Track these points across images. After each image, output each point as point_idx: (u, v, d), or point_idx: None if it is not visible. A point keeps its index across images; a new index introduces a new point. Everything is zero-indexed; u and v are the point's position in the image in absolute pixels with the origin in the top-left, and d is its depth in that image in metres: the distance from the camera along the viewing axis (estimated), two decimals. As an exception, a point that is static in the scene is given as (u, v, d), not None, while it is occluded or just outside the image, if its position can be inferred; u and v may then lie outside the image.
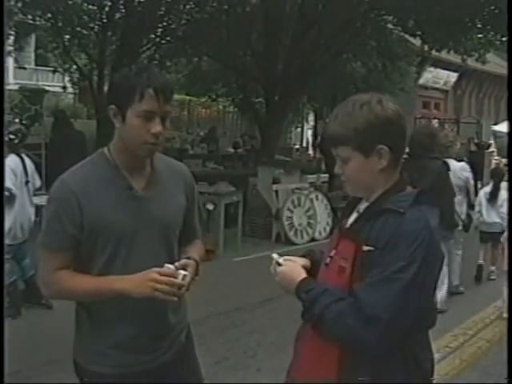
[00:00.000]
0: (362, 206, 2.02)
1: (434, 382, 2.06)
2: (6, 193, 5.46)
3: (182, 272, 2.11)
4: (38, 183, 6.29)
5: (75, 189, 2.11)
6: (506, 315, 5.84)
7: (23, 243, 5.93)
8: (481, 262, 7.94)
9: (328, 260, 2.00)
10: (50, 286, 2.20)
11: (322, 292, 1.88)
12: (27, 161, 6.00)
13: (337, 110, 1.98)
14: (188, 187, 2.38)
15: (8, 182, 5.50)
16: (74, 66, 15.36)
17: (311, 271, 2.06)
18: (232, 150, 15.83)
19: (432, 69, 26.27)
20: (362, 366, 1.87)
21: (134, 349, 2.23)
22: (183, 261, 2.18)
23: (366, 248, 1.86)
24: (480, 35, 14.91)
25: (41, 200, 7.21)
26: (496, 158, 10.36)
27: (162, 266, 2.10)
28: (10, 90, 15.93)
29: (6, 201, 5.43)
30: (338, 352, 1.89)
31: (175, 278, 2.08)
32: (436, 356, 2.15)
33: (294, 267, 2.02)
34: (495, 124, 20.23)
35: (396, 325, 1.80)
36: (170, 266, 2.11)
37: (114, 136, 2.20)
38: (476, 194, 7.84)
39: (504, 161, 9.73)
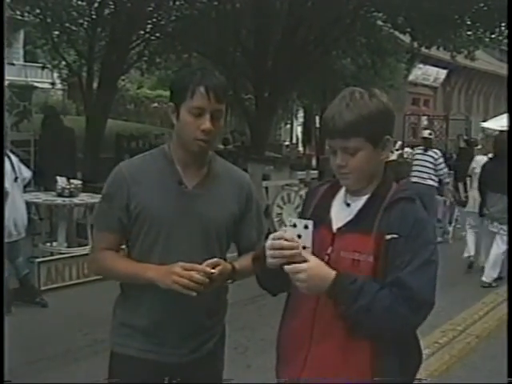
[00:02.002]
0: (356, 199, 1.98)
1: (423, 380, 2.08)
2: None
3: (207, 269, 2.12)
4: (26, 174, 6.23)
5: (127, 175, 2.27)
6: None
7: (17, 241, 5.89)
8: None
9: (326, 258, 1.92)
10: (94, 262, 2.40)
11: (365, 282, 1.83)
12: (12, 157, 5.96)
13: (343, 100, 1.92)
14: (244, 197, 2.38)
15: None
16: (63, 62, 15.32)
17: None
18: (222, 147, 15.79)
19: (421, 65, 26.33)
20: (393, 353, 1.90)
21: (160, 338, 2.28)
22: (215, 260, 2.17)
23: (388, 237, 1.87)
24: (469, 32, 14.96)
25: (31, 197, 7.19)
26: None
27: (199, 263, 2.15)
28: (-2, 86, 15.83)
29: None
30: (369, 345, 1.88)
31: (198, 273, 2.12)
32: (425, 352, 2.16)
33: (320, 264, 1.86)
34: (484, 121, 20.28)
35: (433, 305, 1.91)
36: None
37: (173, 133, 2.33)
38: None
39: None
